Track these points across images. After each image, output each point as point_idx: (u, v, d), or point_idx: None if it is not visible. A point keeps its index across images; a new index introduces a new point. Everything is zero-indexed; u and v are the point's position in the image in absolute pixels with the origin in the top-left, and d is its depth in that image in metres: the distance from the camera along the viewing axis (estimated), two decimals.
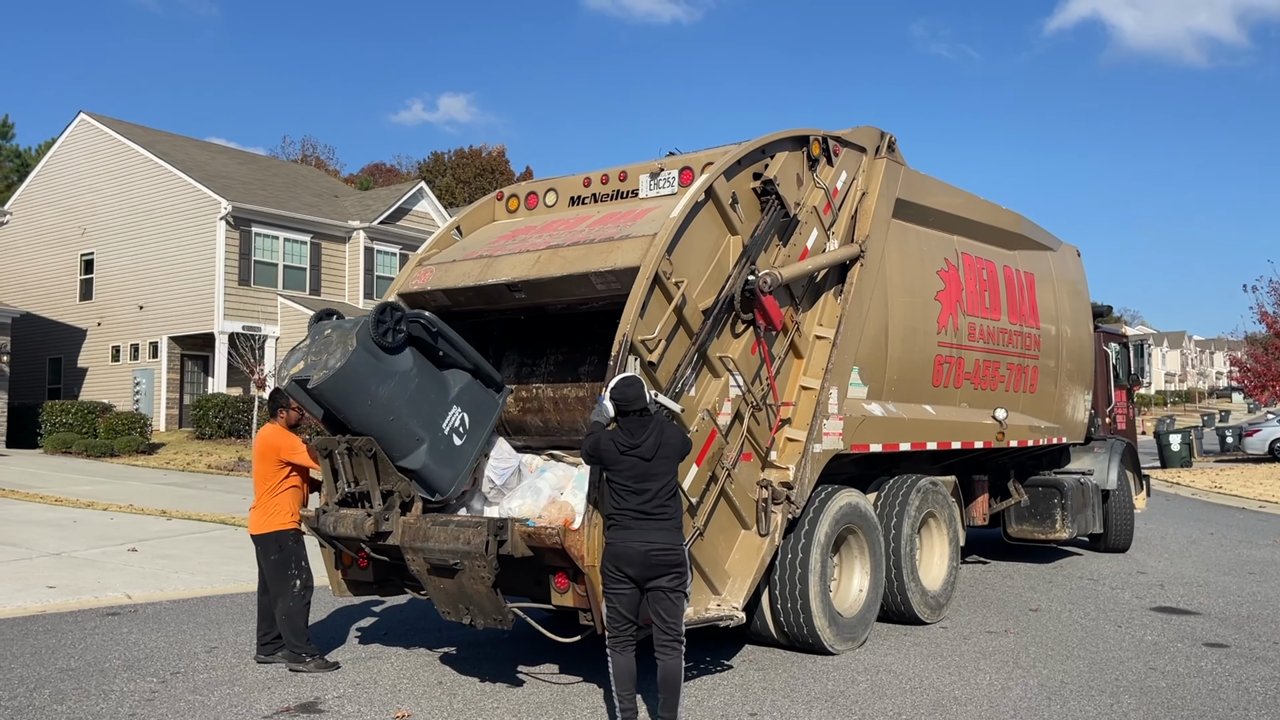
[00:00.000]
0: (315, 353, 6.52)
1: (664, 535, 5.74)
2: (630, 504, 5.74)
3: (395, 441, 6.53)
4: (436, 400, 6.69)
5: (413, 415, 6.54)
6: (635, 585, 5.74)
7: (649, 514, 5.74)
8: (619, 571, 5.72)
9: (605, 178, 8.20)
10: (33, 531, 13.43)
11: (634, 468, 5.76)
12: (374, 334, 6.41)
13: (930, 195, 9.51)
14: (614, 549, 5.74)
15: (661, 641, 5.76)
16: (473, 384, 6.98)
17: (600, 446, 5.84)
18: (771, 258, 7.59)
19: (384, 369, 6.45)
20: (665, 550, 5.71)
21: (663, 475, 5.82)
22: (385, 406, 6.45)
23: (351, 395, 6.40)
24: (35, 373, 32.64)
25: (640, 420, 5.87)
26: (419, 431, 6.56)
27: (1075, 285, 12.45)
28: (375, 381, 6.42)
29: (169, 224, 30.39)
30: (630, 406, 5.85)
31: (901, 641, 8.24)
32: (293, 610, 7.27)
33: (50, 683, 6.91)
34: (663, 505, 5.78)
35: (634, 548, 5.68)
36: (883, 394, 8.69)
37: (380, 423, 6.47)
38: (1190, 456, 31.99)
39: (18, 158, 50.93)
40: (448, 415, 6.70)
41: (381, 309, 6.53)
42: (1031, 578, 11.48)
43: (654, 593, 5.75)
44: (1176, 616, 9.34)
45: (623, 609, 5.76)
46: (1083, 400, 12.37)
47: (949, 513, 9.42)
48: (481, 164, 68.28)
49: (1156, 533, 15.71)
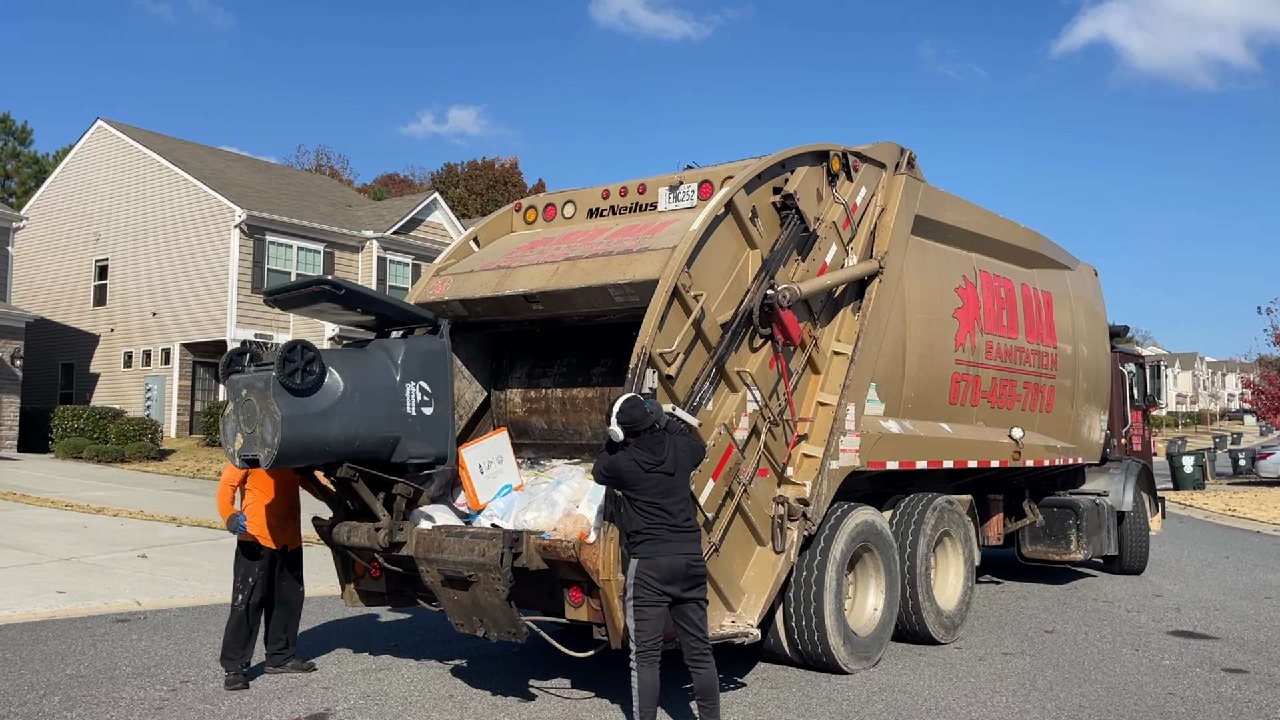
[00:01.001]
0: (247, 422, 6.16)
1: (696, 547, 5.90)
2: (661, 518, 5.77)
3: (373, 453, 6.44)
4: (388, 391, 6.48)
5: (374, 425, 6.37)
6: (669, 599, 5.77)
7: (680, 527, 5.81)
8: (658, 586, 5.72)
9: (624, 190, 8.18)
10: (43, 536, 13.42)
11: (660, 483, 5.80)
12: (291, 384, 6.04)
13: (949, 212, 9.47)
14: (655, 563, 5.73)
15: (699, 651, 5.86)
16: (412, 343, 6.80)
17: (620, 468, 5.82)
18: (790, 272, 7.55)
19: (320, 407, 6.15)
20: (700, 561, 5.90)
21: (684, 487, 5.93)
22: (344, 439, 6.25)
23: (307, 453, 6.16)
24: (48, 377, 32.74)
25: (656, 437, 5.88)
26: (389, 432, 6.44)
27: (1092, 305, 12.38)
28: (320, 426, 6.14)
29: (183, 231, 30.51)
30: (639, 426, 5.86)
31: (916, 661, 8.15)
32: (229, 619, 7.13)
33: (60, 689, 6.88)
34: (690, 517, 5.91)
35: (677, 560, 5.74)
36: (899, 411, 8.64)
37: (349, 452, 6.33)
38: (1203, 479, 31.78)
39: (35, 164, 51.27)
40: (406, 397, 6.53)
41: (288, 351, 6.09)
42: (1046, 599, 11.37)
43: (687, 605, 5.84)
44: (1194, 641, 9.23)
45: (655, 621, 5.78)
46: (1099, 421, 12.28)
47: (964, 532, 9.34)
48: (494, 176, 68.47)
49: (1171, 555, 15.58)
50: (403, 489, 6.63)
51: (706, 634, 5.92)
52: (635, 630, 5.79)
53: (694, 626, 5.87)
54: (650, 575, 5.73)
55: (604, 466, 5.89)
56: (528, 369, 8.24)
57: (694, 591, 5.85)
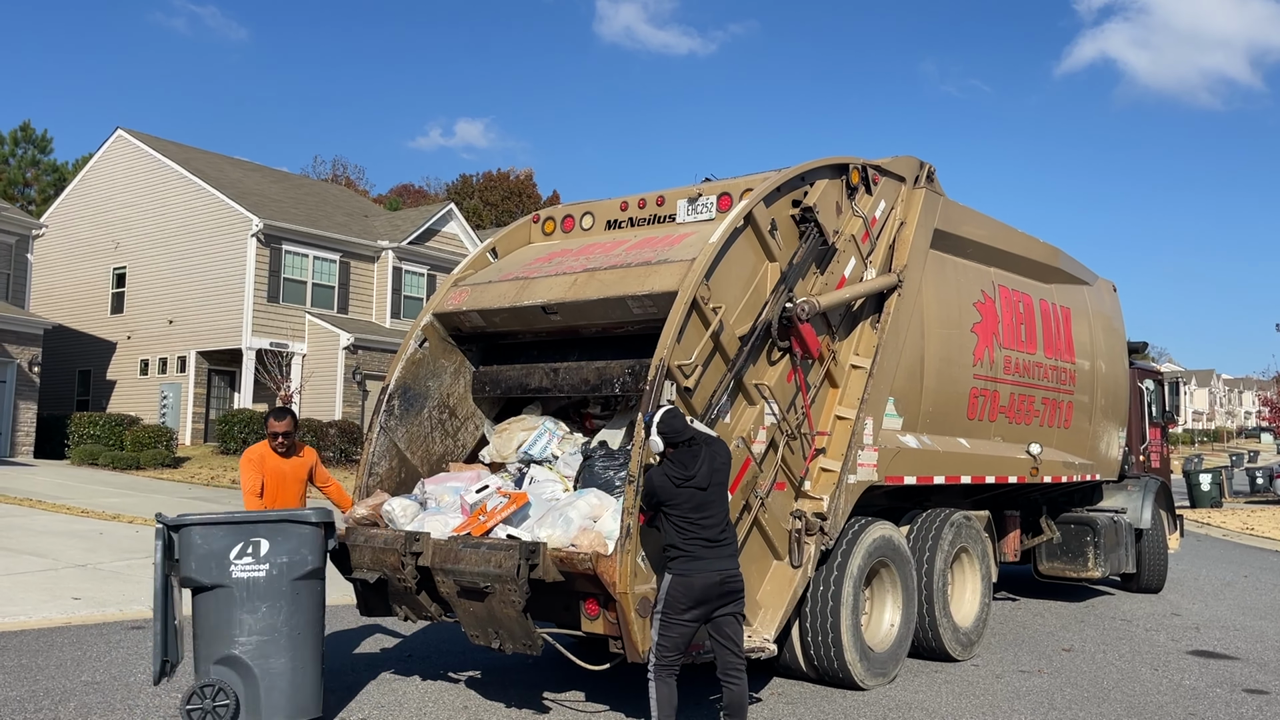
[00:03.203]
0: None
1: (733, 561, 5.86)
2: (696, 533, 5.74)
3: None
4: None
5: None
6: (702, 615, 5.74)
7: (716, 541, 5.78)
8: (690, 601, 5.70)
9: (642, 202, 8.18)
10: (59, 542, 13.47)
11: (692, 498, 5.77)
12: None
13: (968, 226, 9.44)
14: (689, 580, 5.70)
15: (734, 665, 5.83)
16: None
17: (654, 483, 5.80)
18: (809, 285, 7.53)
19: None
20: (735, 576, 5.84)
21: (720, 501, 5.88)
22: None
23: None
24: (65, 384, 32.95)
25: (690, 450, 5.86)
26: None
27: (1111, 320, 12.31)
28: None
29: (200, 240, 30.70)
30: (679, 437, 5.84)
31: (933, 678, 8.09)
32: None
33: (76, 695, 6.88)
34: (725, 530, 5.86)
35: (711, 577, 5.71)
36: (917, 426, 8.59)
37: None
38: (1221, 497, 31.51)
39: (55, 172, 51.73)
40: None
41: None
42: (1063, 616, 11.28)
43: (723, 619, 5.81)
44: (1214, 661, 9.13)
45: (682, 638, 5.76)
46: (1117, 437, 12.19)
47: (982, 548, 9.27)
48: (509, 187, 68.72)
49: (1189, 574, 15.43)
50: None
51: (742, 648, 5.90)
52: (658, 642, 5.77)
53: (729, 640, 5.85)
54: (683, 593, 5.70)
55: (646, 490, 5.86)
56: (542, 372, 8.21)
57: (731, 605, 5.82)
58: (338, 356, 30.17)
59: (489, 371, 8.10)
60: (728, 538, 5.88)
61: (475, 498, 6.98)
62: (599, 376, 7.30)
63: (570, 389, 7.52)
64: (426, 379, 7.94)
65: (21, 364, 26.01)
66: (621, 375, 7.15)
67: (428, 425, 7.91)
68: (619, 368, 7.21)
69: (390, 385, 7.71)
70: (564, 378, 7.54)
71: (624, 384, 7.14)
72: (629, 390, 7.14)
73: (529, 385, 7.75)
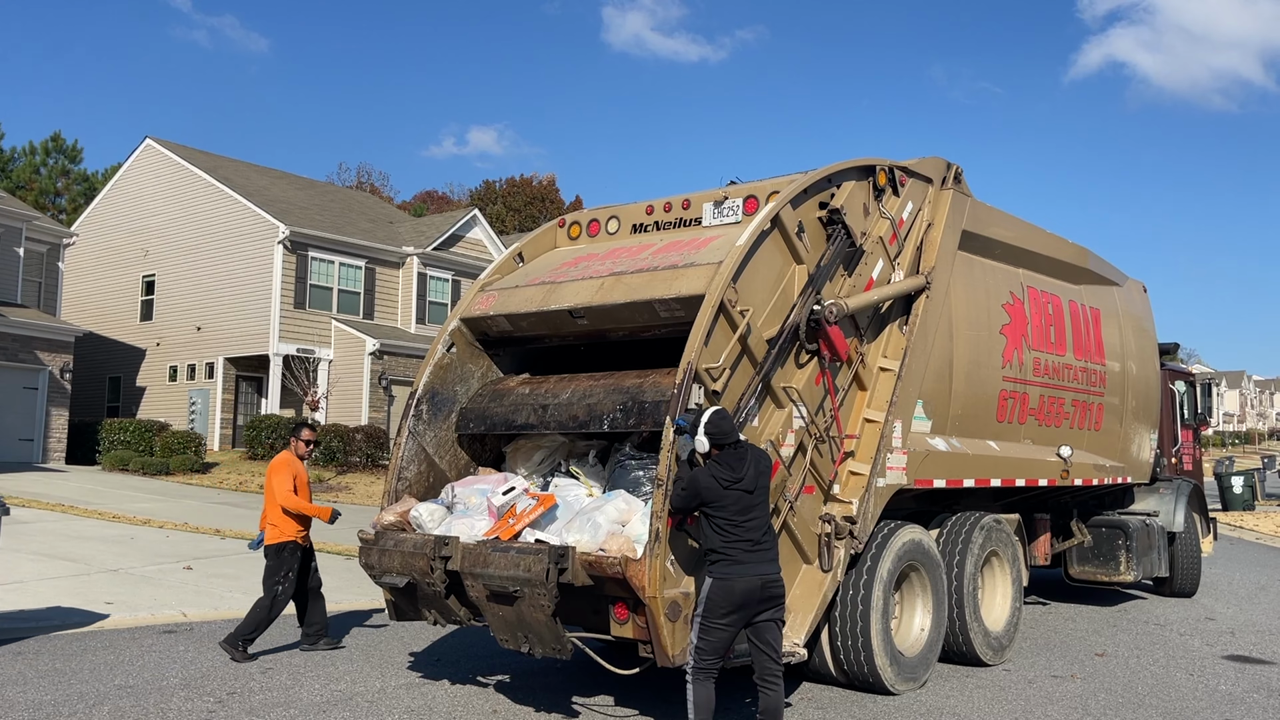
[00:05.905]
0: None
1: (774, 566, 5.85)
2: (739, 536, 5.73)
3: None
4: None
5: None
6: (741, 619, 5.73)
7: (758, 544, 5.78)
8: (730, 605, 5.69)
9: (668, 205, 8.17)
10: (91, 547, 13.61)
11: (738, 501, 5.76)
12: None
13: (996, 227, 9.37)
14: (730, 584, 5.69)
15: (771, 671, 5.82)
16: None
17: (700, 484, 5.78)
18: (837, 288, 7.50)
19: None
20: (776, 581, 5.83)
21: (764, 505, 5.89)
22: None
23: None
24: (95, 391, 33.31)
25: (736, 452, 5.86)
26: None
27: (1141, 321, 12.18)
28: None
29: (228, 247, 30.97)
30: (726, 439, 5.85)
31: (964, 683, 8.02)
32: (258, 609, 8.31)
33: (109, 699, 6.95)
34: (766, 534, 5.86)
35: (752, 581, 5.70)
36: (946, 428, 8.53)
37: None
38: (1253, 499, 31.07)
39: (85, 181, 52.31)
40: None
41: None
42: (1095, 621, 11.16)
43: (763, 624, 5.80)
44: (1251, 666, 9.00)
45: (721, 642, 5.74)
46: (1148, 439, 12.05)
47: (1012, 552, 9.19)
48: (532, 192, 68.88)
49: (1223, 578, 15.23)
50: None
51: (780, 654, 5.89)
52: (697, 645, 5.77)
53: (769, 646, 5.83)
54: (723, 597, 5.69)
55: (683, 483, 5.84)
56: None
57: (771, 611, 5.81)
58: (364, 362, 30.34)
59: (473, 409, 7.80)
60: (769, 541, 5.87)
61: (502, 500, 6.98)
62: (589, 413, 7.00)
63: (558, 425, 7.23)
64: (454, 383, 7.97)
65: (53, 371, 26.32)
66: (612, 412, 6.86)
67: (456, 429, 7.93)
68: (609, 404, 6.90)
69: (419, 390, 7.74)
70: (552, 415, 7.23)
71: (613, 421, 6.85)
72: (618, 427, 6.85)
73: (515, 422, 7.47)
